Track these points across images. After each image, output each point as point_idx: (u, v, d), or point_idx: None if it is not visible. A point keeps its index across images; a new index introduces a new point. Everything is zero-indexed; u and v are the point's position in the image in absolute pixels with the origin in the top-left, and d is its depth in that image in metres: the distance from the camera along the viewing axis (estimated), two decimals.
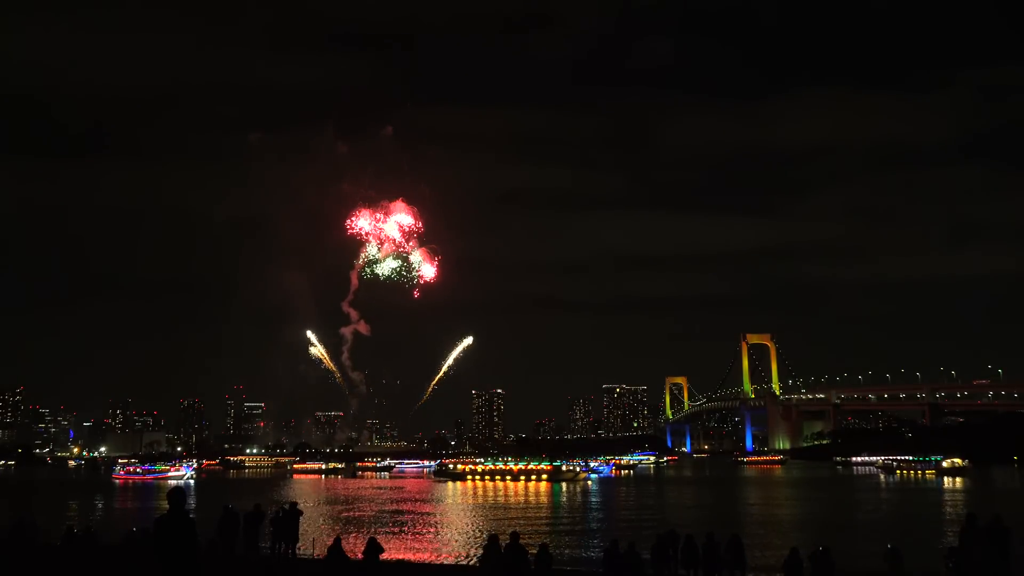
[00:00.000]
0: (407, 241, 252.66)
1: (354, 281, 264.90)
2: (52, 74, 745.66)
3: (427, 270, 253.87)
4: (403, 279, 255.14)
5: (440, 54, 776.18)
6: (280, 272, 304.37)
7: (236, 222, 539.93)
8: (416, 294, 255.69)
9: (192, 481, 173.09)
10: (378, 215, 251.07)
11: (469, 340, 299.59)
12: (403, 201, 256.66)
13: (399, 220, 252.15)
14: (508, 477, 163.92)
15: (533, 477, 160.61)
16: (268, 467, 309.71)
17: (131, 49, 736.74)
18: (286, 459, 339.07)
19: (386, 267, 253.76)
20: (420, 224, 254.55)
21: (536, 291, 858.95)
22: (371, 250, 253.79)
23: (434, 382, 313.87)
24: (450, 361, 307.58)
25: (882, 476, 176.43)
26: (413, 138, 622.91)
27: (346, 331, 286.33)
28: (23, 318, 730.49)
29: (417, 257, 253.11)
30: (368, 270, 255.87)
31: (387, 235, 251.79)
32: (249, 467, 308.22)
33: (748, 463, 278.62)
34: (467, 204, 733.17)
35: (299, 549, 38.21)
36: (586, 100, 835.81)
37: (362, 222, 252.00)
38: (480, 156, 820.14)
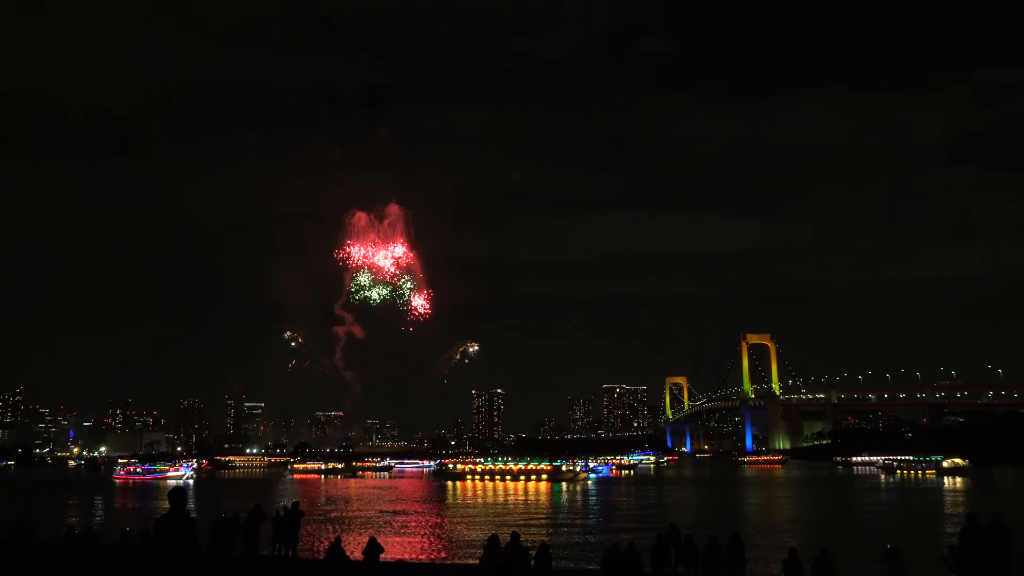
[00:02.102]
0: (399, 272, 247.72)
1: (348, 283, 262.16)
2: (50, 76, 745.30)
3: (418, 303, 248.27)
4: (394, 305, 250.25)
5: (439, 54, 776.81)
6: (277, 272, 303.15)
7: (235, 222, 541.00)
8: (409, 328, 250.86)
9: (191, 481, 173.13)
10: (368, 247, 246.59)
11: (475, 348, 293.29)
12: (396, 204, 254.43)
13: (393, 252, 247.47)
14: (508, 477, 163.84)
15: (533, 477, 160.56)
16: (260, 467, 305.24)
17: (128, 50, 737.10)
18: (280, 459, 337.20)
19: (375, 294, 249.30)
20: (411, 256, 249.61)
21: (536, 291, 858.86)
22: (361, 279, 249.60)
23: (435, 383, 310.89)
24: (451, 365, 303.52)
25: (882, 476, 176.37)
26: (411, 138, 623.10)
27: (339, 331, 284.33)
28: (24, 318, 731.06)
29: (408, 285, 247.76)
30: (357, 296, 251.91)
31: (378, 265, 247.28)
32: (239, 467, 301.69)
33: (748, 463, 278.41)
34: (466, 204, 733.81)
35: (300, 549, 38.21)
36: (585, 100, 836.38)
37: (353, 251, 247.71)
38: (479, 156, 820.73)
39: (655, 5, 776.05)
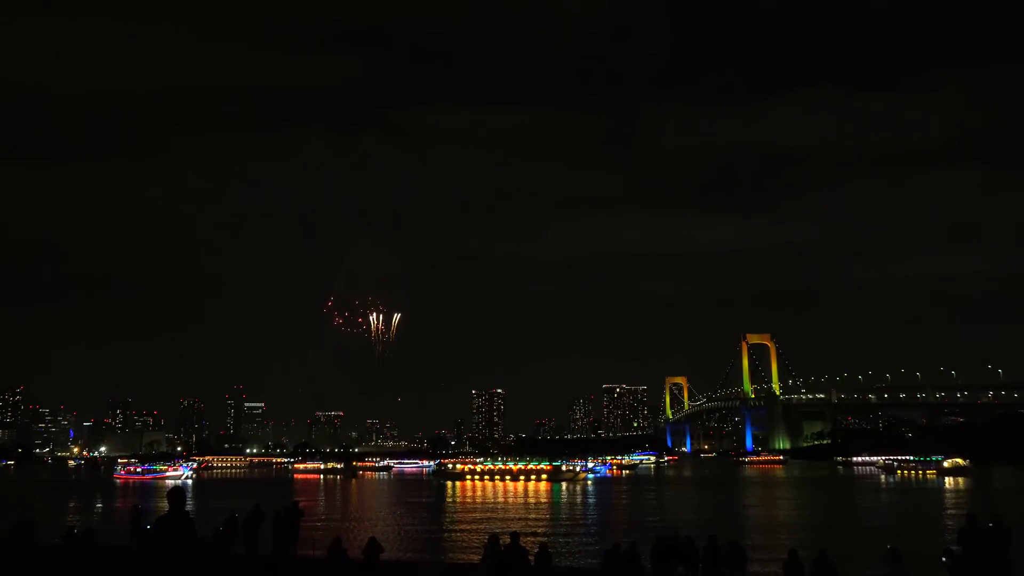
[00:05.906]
0: (382, 334, 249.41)
1: (338, 289, 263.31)
2: (48, 76, 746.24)
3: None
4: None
5: (437, 54, 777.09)
6: (273, 271, 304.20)
7: (233, 222, 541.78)
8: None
9: (190, 481, 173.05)
10: (357, 299, 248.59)
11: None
12: (391, 209, 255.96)
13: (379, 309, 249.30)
14: (508, 477, 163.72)
15: (533, 477, 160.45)
16: (241, 467, 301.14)
17: (127, 50, 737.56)
18: (266, 459, 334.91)
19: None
20: (393, 328, 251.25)
21: (535, 291, 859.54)
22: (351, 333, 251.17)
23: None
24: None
25: (883, 476, 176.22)
26: (409, 138, 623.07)
27: (332, 332, 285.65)
28: (23, 318, 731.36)
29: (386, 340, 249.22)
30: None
31: (365, 324, 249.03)
32: (218, 468, 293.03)
33: (748, 463, 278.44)
34: (463, 204, 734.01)
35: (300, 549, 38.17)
36: (583, 100, 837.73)
37: (339, 308, 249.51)
38: (477, 155, 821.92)
39: (654, 4, 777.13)
